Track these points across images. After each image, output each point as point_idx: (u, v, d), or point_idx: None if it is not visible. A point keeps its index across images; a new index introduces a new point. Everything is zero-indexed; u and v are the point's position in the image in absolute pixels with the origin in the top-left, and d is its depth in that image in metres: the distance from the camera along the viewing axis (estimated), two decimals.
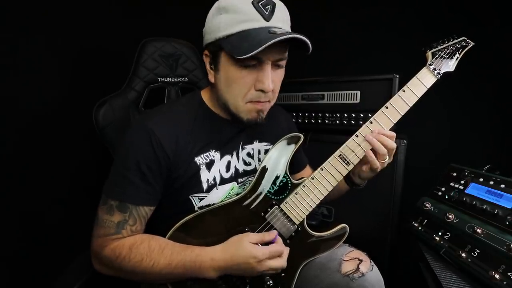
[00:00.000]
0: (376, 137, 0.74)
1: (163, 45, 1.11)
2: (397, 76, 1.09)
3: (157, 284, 0.74)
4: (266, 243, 0.71)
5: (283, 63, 0.74)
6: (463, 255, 0.80)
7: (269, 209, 0.78)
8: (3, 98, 1.01)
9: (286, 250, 0.73)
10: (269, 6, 0.69)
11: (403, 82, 0.78)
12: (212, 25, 0.71)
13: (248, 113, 0.75)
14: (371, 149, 0.75)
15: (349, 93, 1.21)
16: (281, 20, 0.71)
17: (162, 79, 1.13)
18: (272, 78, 0.71)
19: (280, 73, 0.75)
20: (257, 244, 0.69)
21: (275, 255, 0.70)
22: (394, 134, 0.76)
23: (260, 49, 0.62)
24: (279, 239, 0.73)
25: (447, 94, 1.38)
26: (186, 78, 1.17)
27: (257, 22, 0.67)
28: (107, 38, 1.33)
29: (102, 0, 1.31)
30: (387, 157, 0.76)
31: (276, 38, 0.62)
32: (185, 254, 0.68)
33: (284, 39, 0.64)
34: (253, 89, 0.71)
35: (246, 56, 0.63)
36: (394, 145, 0.75)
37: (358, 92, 1.19)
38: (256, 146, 0.88)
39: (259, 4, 0.68)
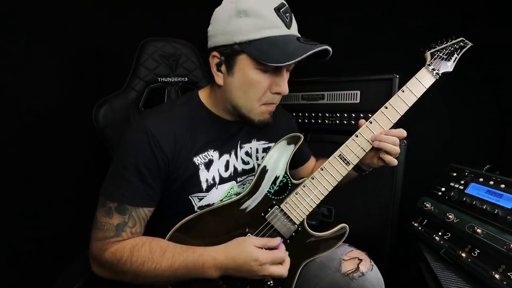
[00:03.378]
0: (383, 139, 0.75)
1: (163, 45, 1.11)
2: (397, 76, 1.09)
3: (158, 285, 0.74)
4: (270, 249, 0.71)
5: (293, 66, 0.76)
6: (463, 255, 0.80)
7: (269, 209, 0.78)
8: (3, 98, 1.01)
9: (287, 259, 0.72)
10: (289, 14, 0.71)
11: (403, 82, 0.78)
12: (229, 27, 0.69)
13: (261, 115, 0.76)
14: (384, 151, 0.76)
15: (349, 93, 1.21)
16: (296, 28, 0.74)
17: (162, 79, 1.13)
18: None
19: (288, 76, 0.77)
20: (260, 248, 0.69)
21: (277, 261, 0.70)
22: (404, 133, 0.76)
23: (301, 57, 0.65)
24: (282, 246, 0.73)
25: (447, 94, 1.38)
26: (186, 78, 1.17)
27: (280, 29, 0.69)
28: (107, 38, 1.33)
29: (102, 0, 1.31)
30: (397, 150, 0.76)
31: (314, 49, 0.66)
32: (187, 255, 0.68)
33: (320, 51, 0.67)
34: (269, 92, 0.73)
35: (284, 64, 0.66)
36: (398, 140, 0.76)
37: (358, 92, 1.19)
38: (254, 144, 0.88)
39: (281, 11, 0.69)
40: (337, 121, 1.24)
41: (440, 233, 0.88)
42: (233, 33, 0.69)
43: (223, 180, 0.81)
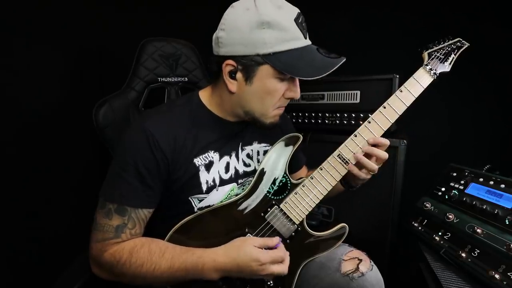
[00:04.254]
0: (367, 150, 0.75)
1: (163, 45, 1.11)
2: (397, 76, 1.09)
3: (157, 286, 0.74)
4: (269, 248, 0.71)
5: None
6: (463, 255, 0.80)
7: (268, 209, 0.78)
8: (3, 98, 1.02)
9: (287, 257, 0.72)
10: (304, 24, 0.72)
11: (403, 82, 0.78)
12: (251, 39, 0.68)
13: (272, 118, 0.78)
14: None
15: (349, 93, 1.21)
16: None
17: (162, 79, 1.13)
18: None
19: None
20: (260, 248, 0.69)
21: (277, 261, 0.70)
22: (387, 142, 0.76)
23: (329, 72, 0.69)
24: (282, 245, 0.73)
25: (447, 94, 1.38)
26: (186, 78, 1.17)
27: (301, 40, 0.71)
28: (107, 38, 1.33)
29: (102, 0, 1.31)
30: (376, 169, 0.77)
31: (338, 63, 0.70)
32: (186, 257, 0.68)
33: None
34: (283, 97, 0.76)
35: (315, 78, 0.68)
36: (386, 156, 0.76)
37: (358, 92, 1.19)
38: (256, 147, 0.88)
39: (299, 21, 0.70)
40: (337, 121, 1.24)
41: (440, 233, 0.88)
42: (256, 44, 0.69)
43: (223, 182, 0.80)
